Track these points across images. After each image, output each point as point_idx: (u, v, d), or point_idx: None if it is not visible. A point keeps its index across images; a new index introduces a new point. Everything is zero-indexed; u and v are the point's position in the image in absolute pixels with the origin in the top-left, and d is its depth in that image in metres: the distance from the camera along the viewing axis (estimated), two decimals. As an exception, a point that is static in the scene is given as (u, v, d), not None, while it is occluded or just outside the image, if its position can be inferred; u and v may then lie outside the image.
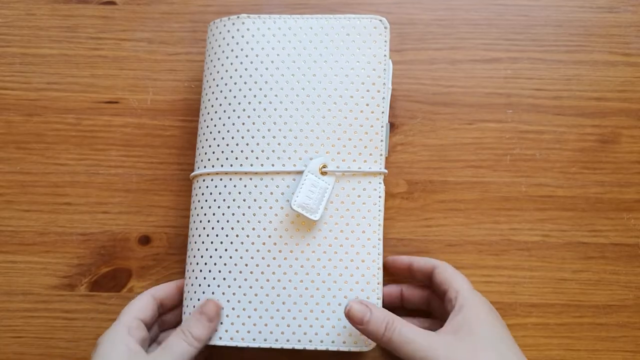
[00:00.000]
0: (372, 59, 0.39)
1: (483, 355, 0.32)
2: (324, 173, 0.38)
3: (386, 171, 0.38)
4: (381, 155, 0.38)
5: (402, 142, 0.44)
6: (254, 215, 0.38)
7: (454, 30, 0.45)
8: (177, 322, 0.40)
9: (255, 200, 0.38)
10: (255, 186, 0.38)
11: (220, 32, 0.40)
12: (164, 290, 0.39)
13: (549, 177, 0.44)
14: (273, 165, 0.38)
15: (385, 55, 0.39)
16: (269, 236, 0.37)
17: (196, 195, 0.39)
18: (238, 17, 0.40)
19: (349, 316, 0.34)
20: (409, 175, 0.44)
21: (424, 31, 0.46)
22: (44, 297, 0.43)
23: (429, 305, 0.40)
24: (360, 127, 0.38)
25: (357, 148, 0.38)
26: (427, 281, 0.40)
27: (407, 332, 0.33)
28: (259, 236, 0.37)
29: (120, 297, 0.43)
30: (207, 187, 0.39)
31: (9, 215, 0.44)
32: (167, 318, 0.40)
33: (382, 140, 0.39)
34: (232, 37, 0.40)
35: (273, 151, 0.38)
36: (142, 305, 0.37)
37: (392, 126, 0.44)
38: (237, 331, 0.36)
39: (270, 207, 0.38)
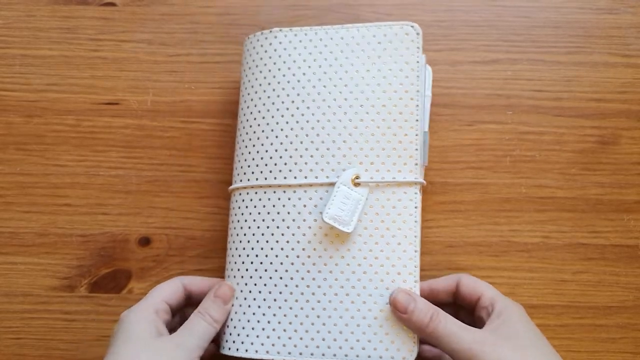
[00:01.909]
0: (405, 66, 0.38)
1: (530, 354, 0.32)
2: (357, 184, 0.37)
3: (423, 181, 0.37)
4: (416, 164, 0.37)
5: (402, 143, 0.44)
6: (288, 228, 0.37)
7: (454, 31, 0.45)
8: None
9: (288, 213, 0.37)
10: (289, 199, 0.38)
11: (254, 47, 0.41)
12: (197, 283, 0.39)
13: (549, 178, 0.44)
14: (306, 177, 0.38)
15: (417, 62, 0.38)
16: (303, 249, 0.37)
17: (233, 208, 0.40)
18: (270, 31, 0.40)
19: (394, 304, 0.35)
20: (409, 177, 0.44)
21: (424, 32, 0.45)
22: (43, 298, 0.43)
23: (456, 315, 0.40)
24: (394, 136, 0.37)
25: (391, 158, 0.37)
26: (450, 298, 0.39)
27: (452, 325, 0.33)
28: (292, 249, 0.37)
29: (120, 298, 0.43)
30: (242, 200, 0.39)
31: (8, 217, 0.44)
32: (190, 312, 0.40)
33: (416, 149, 0.37)
34: (266, 51, 0.40)
35: (306, 163, 0.38)
36: (171, 290, 0.37)
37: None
38: (272, 344, 0.36)
39: (304, 220, 0.37)
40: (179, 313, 0.39)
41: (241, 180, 0.39)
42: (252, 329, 0.37)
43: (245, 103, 0.40)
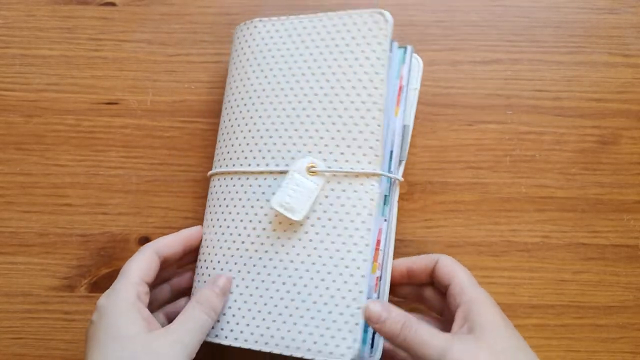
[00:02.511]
0: (371, 55, 0.37)
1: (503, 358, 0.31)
2: (313, 173, 0.36)
3: (381, 172, 0.36)
4: (376, 156, 0.36)
5: (402, 143, 0.44)
6: (247, 214, 0.37)
7: (454, 31, 0.45)
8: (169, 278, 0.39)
9: (248, 199, 0.38)
10: (250, 185, 0.38)
11: (237, 37, 0.41)
12: (169, 247, 0.37)
13: (549, 178, 0.44)
14: (267, 165, 0.38)
15: (384, 50, 0.37)
16: (258, 236, 0.37)
17: (210, 193, 0.40)
18: (252, 21, 0.40)
19: (367, 316, 0.33)
20: (409, 177, 0.44)
21: (424, 32, 0.46)
22: (43, 298, 0.43)
23: (421, 298, 0.39)
24: (355, 126, 0.36)
25: (350, 148, 0.36)
26: (428, 279, 0.38)
27: (423, 333, 0.32)
28: (248, 235, 0.37)
29: (120, 298, 0.43)
30: (214, 186, 0.40)
31: (8, 217, 0.44)
32: (163, 274, 0.38)
33: (377, 140, 0.36)
34: (246, 41, 0.40)
35: (268, 151, 0.38)
36: (148, 266, 0.35)
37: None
38: (221, 329, 0.36)
39: (261, 207, 0.37)
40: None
41: (220, 167, 0.40)
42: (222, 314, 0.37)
43: (227, 92, 0.41)
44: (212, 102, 0.45)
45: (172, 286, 0.40)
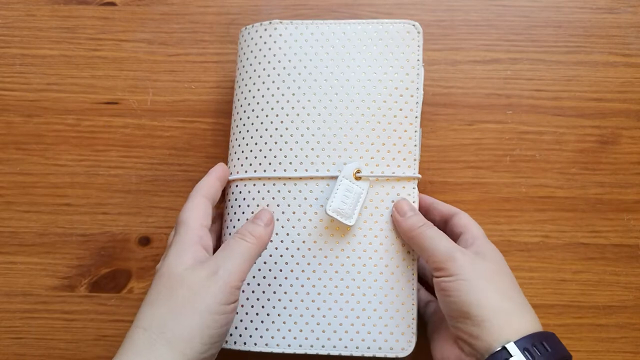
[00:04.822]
0: (405, 64, 0.39)
1: (498, 279, 0.34)
2: (358, 178, 0.37)
3: (420, 176, 0.38)
4: (415, 160, 0.38)
5: (402, 143, 0.44)
6: (288, 220, 0.38)
7: (453, 31, 0.45)
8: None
9: (289, 205, 0.38)
10: (289, 191, 0.38)
11: (252, 38, 0.40)
12: (212, 187, 0.37)
13: (548, 177, 0.44)
14: (306, 170, 0.38)
15: (418, 60, 0.39)
16: (303, 241, 0.37)
17: (229, 200, 0.39)
18: (270, 22, 0.40)
19: (396, 206, 0.37)
20: (408, 176, 0.44)
21: (424, 32, 0.45)
22: (43, 298, 0.43)
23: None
24: (394, 132, 0.38)
25: (390, 153, 0.38)
26: (442, 225, 0.39)
27: (437, 232, 0.35)
28: (293, 241, 0.37)
29: (120, 298, 0.43)
30: (240, 192, 0.39)
31: (8, 216, 0.44)
32: None
33: (415, 145, 0.38)
34: (265, 42, 0.40)
35: (306, 156, 0.38)
36: (203, 211, 0.35)
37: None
38: (272, 337, 0.36)
39: (304, 213, 0.37)
40: None
41: (237, 172, 0.39)
42: (251, 321, 0.37)
43: (242, 94, 0.40)
44: (212, 102, 0.45)
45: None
